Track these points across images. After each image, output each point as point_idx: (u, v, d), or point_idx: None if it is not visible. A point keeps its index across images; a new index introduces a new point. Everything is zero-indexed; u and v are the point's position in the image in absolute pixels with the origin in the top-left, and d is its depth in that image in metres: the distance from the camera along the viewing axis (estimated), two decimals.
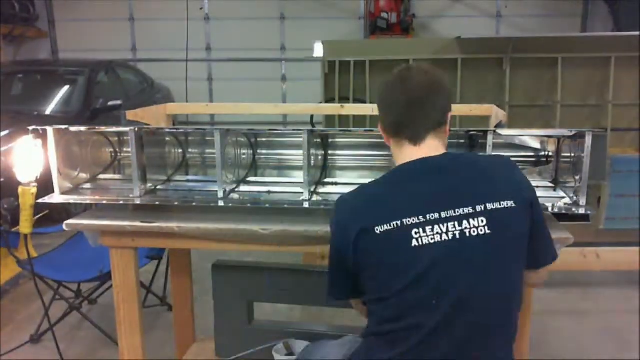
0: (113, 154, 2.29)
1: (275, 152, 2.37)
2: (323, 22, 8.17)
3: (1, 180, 4.22)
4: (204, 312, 2.69)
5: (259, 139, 2.34)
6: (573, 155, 1.92)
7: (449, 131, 1.51)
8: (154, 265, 3.25)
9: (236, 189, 2.12)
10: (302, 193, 1.94)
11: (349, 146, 2.31)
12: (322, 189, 2.15)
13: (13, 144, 4.18)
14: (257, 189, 2.17)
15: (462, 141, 2.22)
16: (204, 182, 2.24)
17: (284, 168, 2.37)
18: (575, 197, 1.87)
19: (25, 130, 1.92)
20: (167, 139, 2.25)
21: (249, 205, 1.99)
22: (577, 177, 1.85)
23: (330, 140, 2.27)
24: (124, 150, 2.28)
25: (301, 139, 1.90)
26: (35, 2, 8.40)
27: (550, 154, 2.09)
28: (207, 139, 2.29)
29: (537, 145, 2.11)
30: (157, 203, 1.96)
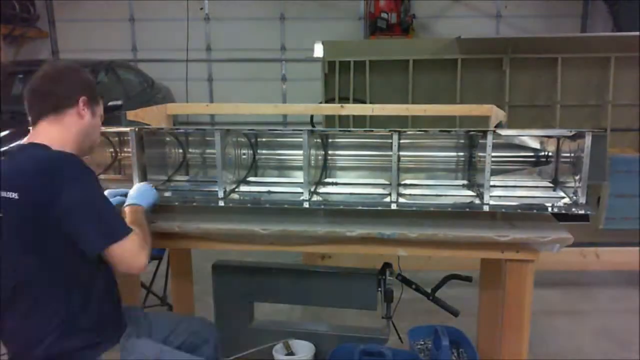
0: (113, 154, 2.30)
1: (276, 152, 2.37)
2: (323, 22, 8.18)
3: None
4: (204, 312, 2.69)
5: (259, 139, 2.35)
6: (573, 155, 1.92)
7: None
8: (154, 265, 3.25)
9: (236, 189, 2.12)
10: (302, 193, 1.94)
11: (349, 146, 2.31)
12: (322, 189, 2.15)
13: (13, 144, 4.19)
14: (257, 189, 2.17)
15: (462, 141, 2.23)
16: (204, 182, 2.25)
17: (284, 168, 2.37)
18: (575, 197, 1.87)
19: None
20: (167, 139, 2.25)
21: (249, 205, 1.99)
22: (577, 177, 1.85)
23: (330, 140, 2.28)
24: (125, 150, 2.28)
25: (301, 139, 1.91)
26: (36, 2, 8.40)
27: (550, 154, 2.09)
28: (208, 139, 2.30)
29: (537, 146, 2.11)
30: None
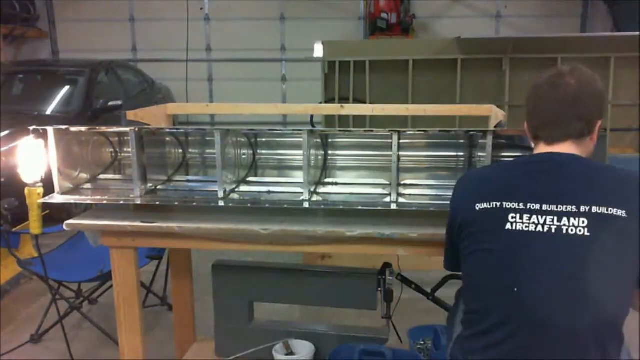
0: (113, 154, 2.30)
1: (275, 152, 2.37)
2: (323, 22, 8.17)
3: (1, 180, 4.22)
4: (204, 312, 2.69)
5: (259, 139, 2.35)
6: None
7: (595, 139, 1.47)
8: (154, 265, 3.25)
9: (236, 189, 2.12)
10: (302, 193, 1.94)
11: (349, 146, 2.31)
12: (322, 189, 2.15)
13: (13, 144, 4.20)
14: (257, 189, 2.17)
15: (461, 141, 2.23)
16: (204, 182, 2.25)
17: (284, 168, 2.37)
18: None
19: (25, 131, 1.93)
20: (167, 139, 2.25)
21: (249, 205, 1.99)
22: None
23: (330, 140, 2.28)
24: (125, 150, 2.28)
25: (301, 139, 1.91)
26: (36, 2, 8.40)
27: None
28: (207, 139, 2.30)
29: None
30: (157, 203, 1.96)
